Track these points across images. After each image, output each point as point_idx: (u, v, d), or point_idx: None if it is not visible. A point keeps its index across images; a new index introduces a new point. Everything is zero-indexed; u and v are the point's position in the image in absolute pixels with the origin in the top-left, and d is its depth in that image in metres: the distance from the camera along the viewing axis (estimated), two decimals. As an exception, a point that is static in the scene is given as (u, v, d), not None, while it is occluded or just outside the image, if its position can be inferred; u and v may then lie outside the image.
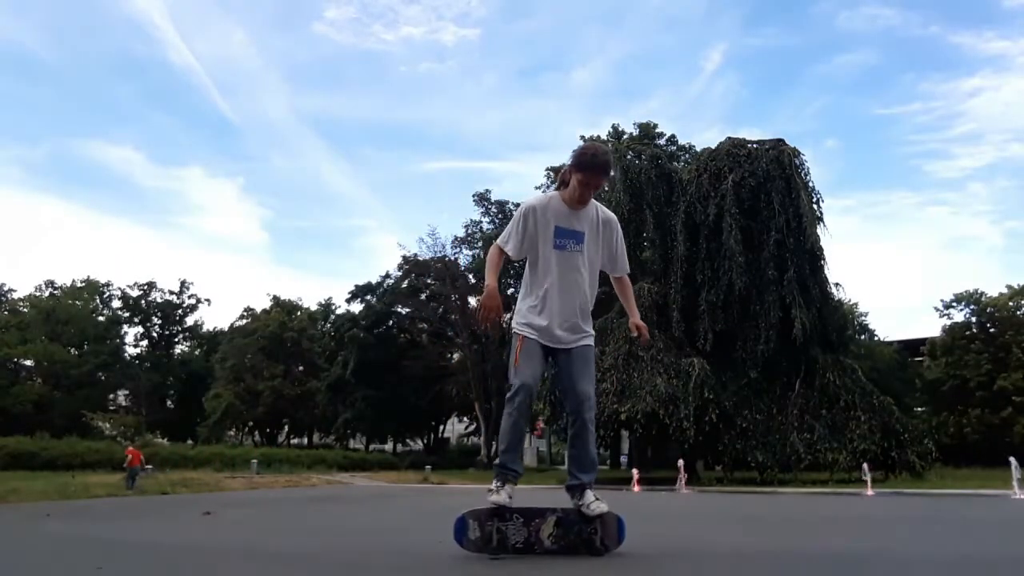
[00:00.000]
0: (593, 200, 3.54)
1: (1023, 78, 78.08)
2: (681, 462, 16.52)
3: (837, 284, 23.05)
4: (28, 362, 46.74)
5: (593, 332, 3.60)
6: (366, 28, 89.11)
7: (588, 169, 3.39)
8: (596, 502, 3.41)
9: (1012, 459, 12.37)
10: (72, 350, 47.37)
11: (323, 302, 51.59)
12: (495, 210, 39.56)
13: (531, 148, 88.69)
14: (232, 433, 48.51)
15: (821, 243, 21.99)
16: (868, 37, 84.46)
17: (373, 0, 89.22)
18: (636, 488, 16.86)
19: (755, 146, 23.09)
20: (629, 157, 25.49)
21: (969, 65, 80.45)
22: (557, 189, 3.64)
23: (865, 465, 15.52)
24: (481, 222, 39.47)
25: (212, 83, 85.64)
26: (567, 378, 3.46)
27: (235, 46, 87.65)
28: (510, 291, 36.61)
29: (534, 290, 3.53)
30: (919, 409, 34.15)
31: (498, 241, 3.57)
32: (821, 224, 22.25)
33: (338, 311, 48.74)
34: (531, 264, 3.56)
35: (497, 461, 3.49)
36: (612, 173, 3.19)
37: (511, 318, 3.65)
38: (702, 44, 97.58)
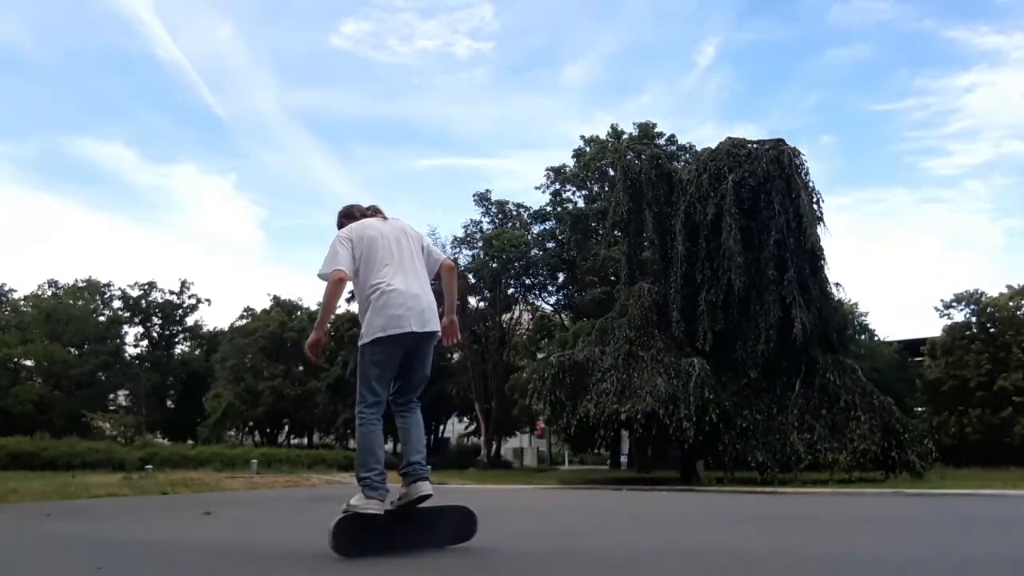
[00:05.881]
0: None
1: (1019, 73, 77.87)
2: (682, 469, 16.48)
3: (837, 284, 22.90)
4: (28, 362, 46.68)
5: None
6: (370, 33, 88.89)
7: None
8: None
9: None
10: (72, 350, 47.25)
11: (323, 302, 51.47)
12: (495, 210, 39.54)
13: (524, 145, 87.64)
14: (232, 433, 48.43)
15: (821, 243, 21.96)
16: (861, 31, 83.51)
17: (377, 4, 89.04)
18: (636, 488, 16.88)
19: (755, 146, 23.04)
20: (629, 157, 25.46)
21: (964, 60, 79.77)
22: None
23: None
24: (481, 222, 39.32)
25: (201, 79, 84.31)
26: None
27: (222, 42, 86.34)
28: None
29: None
30: (919, 409, 34.06)
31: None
32: (821, 224, 22.20)
33: (338, 311, 48.67)
34: None
35: None
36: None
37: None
38: (695, 38, 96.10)
